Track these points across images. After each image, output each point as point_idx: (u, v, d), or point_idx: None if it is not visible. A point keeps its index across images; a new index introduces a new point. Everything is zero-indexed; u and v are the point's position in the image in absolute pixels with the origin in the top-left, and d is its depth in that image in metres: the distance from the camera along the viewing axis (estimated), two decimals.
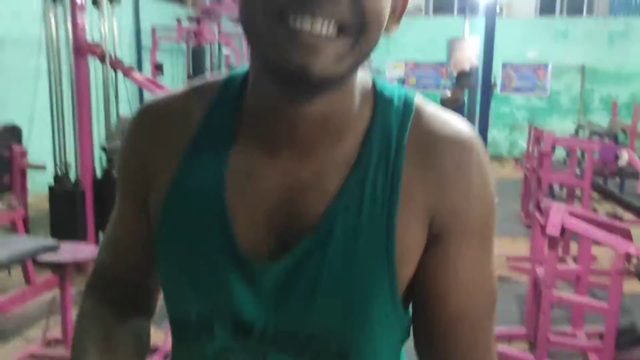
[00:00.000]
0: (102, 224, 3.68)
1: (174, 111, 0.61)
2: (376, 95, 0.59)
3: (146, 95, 6.82)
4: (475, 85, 6.27)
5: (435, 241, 0.56)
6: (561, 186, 5.52)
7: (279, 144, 0.56)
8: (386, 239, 0.54)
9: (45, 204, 4.37)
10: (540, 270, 2.91)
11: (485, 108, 4.29)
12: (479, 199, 0.56)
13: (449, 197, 0.55)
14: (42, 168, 3.91)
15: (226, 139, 0.58)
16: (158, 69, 6.06)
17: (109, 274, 0.70)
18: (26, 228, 3.65)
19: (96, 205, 3.78)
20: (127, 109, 3.82)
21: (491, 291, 0.59)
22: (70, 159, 3.90)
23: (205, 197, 0.57)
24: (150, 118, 0.62)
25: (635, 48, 9.93)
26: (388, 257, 0.54)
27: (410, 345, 0.64)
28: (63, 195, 3.66)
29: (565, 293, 2.95)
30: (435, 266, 0.56)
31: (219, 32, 6.18)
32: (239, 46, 7.02)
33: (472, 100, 6.79)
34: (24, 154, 3.93)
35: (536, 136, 4.65)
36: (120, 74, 3.88)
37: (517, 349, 3.00)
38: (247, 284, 0.56)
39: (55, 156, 3.83)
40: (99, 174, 3.88)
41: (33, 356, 2.76)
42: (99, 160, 4.00)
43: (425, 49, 10.70)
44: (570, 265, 3.86)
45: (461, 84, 7.04)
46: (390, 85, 0.60)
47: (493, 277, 0.60)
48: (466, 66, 10.02)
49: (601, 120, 9.58)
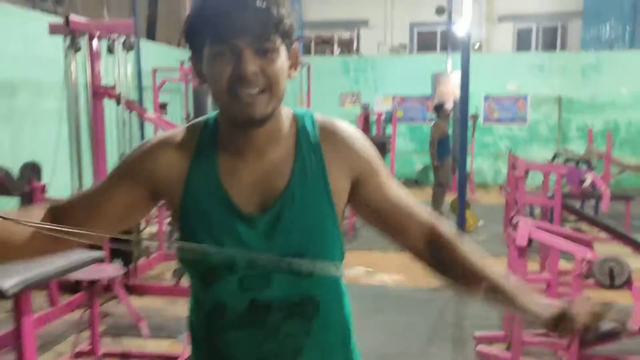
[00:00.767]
0: (116, 250, 4.01)
1: (178, 140, 1.01)
2: (296, 116, 1.02)
3: (147, 131, 7.23)
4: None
5: (362, 180, 1.00)
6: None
7: (244, 150, 0.97)
8: (324, 189, 0.97)
9: None
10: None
11: (464, 138, 4.71)
12: (368, 150, 1.03)
13: (355, 157, 1.00)
14: None
15: (213, 152, 0.99)
16: (162, 107, 6.49)
17: (68, 211, 0.98)
18: None
19: None
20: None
21: (402, 191, 1.06)
22: None
23: (209, 184, 0.97)
24: (159, 143, 1.00)
25: (607, 79, 10.56)
26: (328, 198, 0.97)
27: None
28: None
29: None
30: (376, 189, 1.02)
31: None
32: None
33: (458, 131, 7.21)
34: (43, 189, 4.28)
35: (512, 162, 5.09)
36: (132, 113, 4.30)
37: (497, 350, 3.34)
38: (248, 228, 0.95)
39: (73, 190, 4.19)
40: None
41: None
42: None
43: (411, 84, 11.26)
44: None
45: (441, 115, 7.45)
46: (300, 109, 1.04)
47: (397, 186, 1.06)
48: (450, 99, 10.59)
49: (579, 147, 10.12)
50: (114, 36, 4.12)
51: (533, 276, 3.92)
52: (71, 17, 3.78)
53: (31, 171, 4.22)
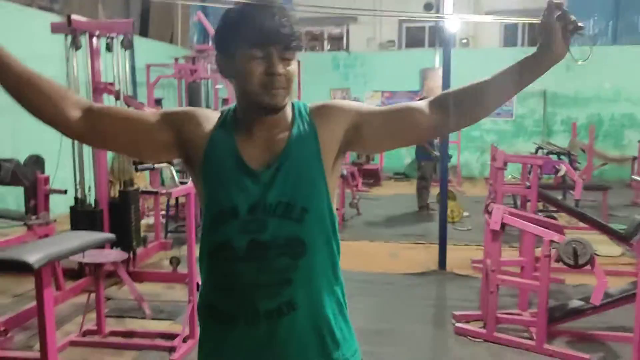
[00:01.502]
0: (118, 238, 4.25)
1: (206, 115, 1.28)
2: (293, 103, 1.28)
3: None
4: None
5: (356, 124, 1.26)
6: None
7: (256, 128, 1.23)
8: (316, 147, 1.23)
9: (63, 225, 4.93)
10: (489, 260, 3.56)
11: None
12: (347, 104, 1.29)
13: (340, 114, 1.28)
14: (64, 192, 4.47)
15: (232, 128, 1.25)
16: (158, 103, 6.70)
17: (104, 109, 1.24)
18: None
19: (111, 222, 4.36)
20: None
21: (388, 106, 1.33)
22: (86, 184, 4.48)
23: (227, 147, 1.23)
24: (192, 111, 1.29)
25: (590, 74, 10.85)
26: (317, 155, 1.23)
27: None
28: (85, 214, 4.23)
29: (508, 277, 3.58)
30: (371, 119, 1.28)
31: (211, 70, 6.91)
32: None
33: None
34: (47, 181, 4.49)
35: (492, 154, 5.36)
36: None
37: (474, 327, 3.61)
38: (254, 182, 1.21)
39: (75, 181, 4.40)
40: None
41: (72, 343, 3.30)
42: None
43: (399, 79, 11.51)
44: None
45: None
46: (295, 100, 1.32)
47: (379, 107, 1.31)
48: (437, 94, 10.79)
49: (564, 140, 10.42)
50: (113, 34, 4.32)
51: (509, 259, 4.19)
52: (73, 17, 3.98)
53: (35, 163, 4.44)
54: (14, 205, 6.02)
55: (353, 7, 11.48)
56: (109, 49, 4.44)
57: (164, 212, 6.02)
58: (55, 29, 4.23)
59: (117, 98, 4.34)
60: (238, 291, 1.21)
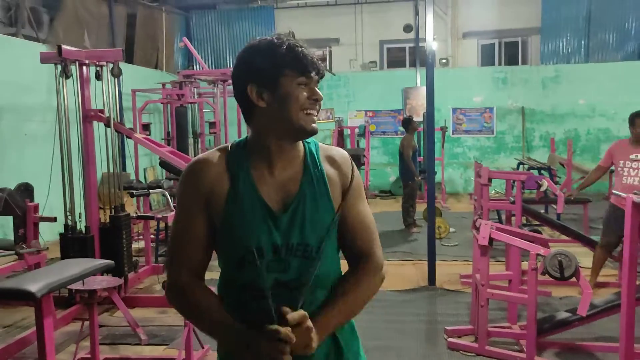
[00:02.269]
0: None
1: (214, 160, 1.32)
2: (304, 142, 1.35)
3: (127, 150, 7.43)
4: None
5: (345, 194, 1.33)
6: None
7: (274, 162, 1.29)
8: (326, 191, 1.30)
9: (51, 253, 4.91)
10: (478, 275, 3.64)
11: (431, 149, 5.08)
12: (355, 174, 1.36)
13: (346, 176, 1.34)
14: (54, 220, 4.47)
15: (247, 164, 1.30)
16: (145, 128, 6.74)
17: (195, 263, 1.33)
18: None
19: (102, 247, 4.36)
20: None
21: (370, 215, 1.39)
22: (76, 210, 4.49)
23: (247, 187, 1.28)
24: (203, 163, 1.32)
25: (565, 91, 11.18)
26: (328, 198, 1.30)
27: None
28: (76, 240, 4.23)
29: (497, 291, 3.66)
30: (352, 203, 1.35)
31: (198, 94, 6.99)
32: (214, 103, 7.82)
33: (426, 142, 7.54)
34: (36, 209, 4.49)
35: (477, 171, 5.49)
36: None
37: (466, 342, 3.68)
38: (274, 226, 1.27)
39: (65, 208, 4.41)
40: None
41: None
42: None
43: (382, 99, 11.71)
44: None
45: (410, 129, 7.68)
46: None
47: (368, 210, 1.39)
48: (420, 112, 11.02)
49: (543, 155, 10.66)
50: (103, 63, 4.38)
51: (497, 274, 4.28)
52: (63, 47, 4.03)
53: (25, 191, 4.44)
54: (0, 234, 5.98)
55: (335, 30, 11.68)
56: (98, 77, 4.49)
57: (153, 236, 6.02)
58: (44, 59, 4.28)
59: (107, 125, 4.38)
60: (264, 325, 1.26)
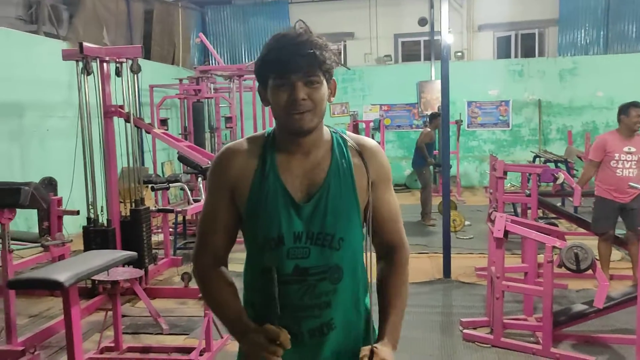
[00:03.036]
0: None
1: (242, 149, 1.37)
2: (331, 132, 1.39)
3: (145, 145, 7.55)
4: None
5: (373, 184, 1.36)
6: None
7: (295, 152, 1.33)
8: (351, 185, 1.33)
9: (73, 245, 5.03)
10: (493, 267, 3.67)
11: (446, 142, 5.10)
12: (385, 164, 1.39)
13: (375, 166, 1.37)
14: (76, 213, 4.58)
15: (273, 155, 1.34)
16: (163, 123, 6.84)
17: (218, 249, 1.41)
18: None
19: (123, 240, 4.47)
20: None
21: (398, 206, 1.43)
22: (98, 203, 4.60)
23: (271, 177, 1.32)
24: (231, 152, 1.38)
25: (583, 83, 11.05)
26: (354, 191, 1.34)
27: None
28: (99, 232, 4.34)
29: (513, 283, 3.69)
30: (383, 194, 1.38)
31: (214, 90, 7.08)
32: (230, 98, 7.90)
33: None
34: (59, 202, 4.61)
35: (492, 164, 5.49)
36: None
37: (481, 333, 3.71)
38: (297, 214, 1.31)
39: (88, 202, 4.52)
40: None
41: None
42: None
43: (397, 93, 11.69)
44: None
45: (432, 124, 7.85)
46: (333, 128, 1.41)
47: (396, 201, 1.43)
48: (434, 106, 10.99)
49: (560, 148, 10.58)
50: (123, 59, 4.47)
51: (513, 266, 4.30)
52: (85, 44, 4.13)
53: (49, 185, 4.55)
54: (17, 227, 6.13)
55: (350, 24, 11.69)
56: (118, 73, 4.58)
57: (171, 229, 6.13)
58: (66, 56, 4.38)
59: (127, 120, 4.48)
60: (285, 311, 1.31)
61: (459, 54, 11.61)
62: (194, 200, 3.51)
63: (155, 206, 5.07)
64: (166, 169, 9.54)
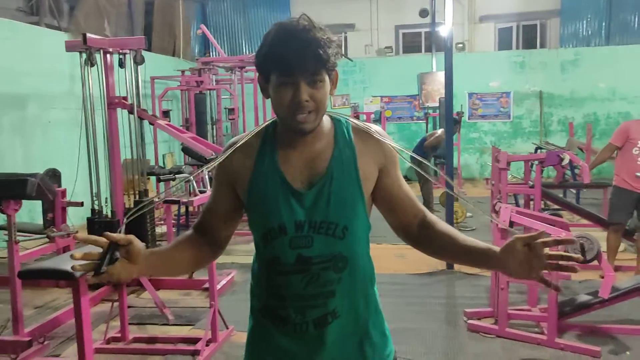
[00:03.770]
0: None
1: (243, 142, 1.37)
2: (334, 119, 1.38)
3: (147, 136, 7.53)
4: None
5: (386, 170, 1.36)
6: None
7: (296, 145, 1.31)
8: (355, 174, 1.32)
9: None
10: None
11: (449, 134, 5.10)
12: (391, 150, 1.37)
13: (382, 150, 1.36)
14: (80, 205, 4.57)
15: (274, 146, 1.34)
16: (166, 114, 6.83)
17: (203, 223, 1.44)
18: None
19: (127, 231, 4.46)
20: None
21: (407, 185, 1.43)
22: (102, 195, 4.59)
23: (270, 168, 1.32)
24: (233, 145, 1.38)
25: (585, 74, 11.03)
26: (357, 181, 1.32)
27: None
28: (103, 224, 4.34)
29: None
30: (395, 180, 1.39)
31: (216, 81, 7.06)
32: (232, 90, 7.89)
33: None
34: (64, 193, 4.60)
35: (494, 155, 5.48)
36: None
37: (485, 324, 3.73)
38: (298, 203, 1.30)
39: (92, 193, 4.51)
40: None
41: (97, 350, 3.40)
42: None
43: (398, 84, 11.67)
44: None
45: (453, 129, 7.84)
46: (335, 114, 1.40)
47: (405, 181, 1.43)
48: (435, 97, 10.98)
49: (561, 140, 10.58)
50: (126, 51, 4.45)
51: None
52: (88, 35, 4.10)
53: (53, 177, 4.55)
54: (20, 219, 6.13)
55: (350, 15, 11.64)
56: (122, 65, 4.56)
57: (174, 221, 6.14)
58: (70, 47, 4.36)
59: (131, 112, 4.46)
60: (289, 301, 1.32)
61: (460, 45, 11.58)
62: (200, 192, 3.51)
63: (158, 198, 5.07)
64: (167, 160, 9.53)
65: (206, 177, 3.71)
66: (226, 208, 1.40)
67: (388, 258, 5.58)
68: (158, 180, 3.77)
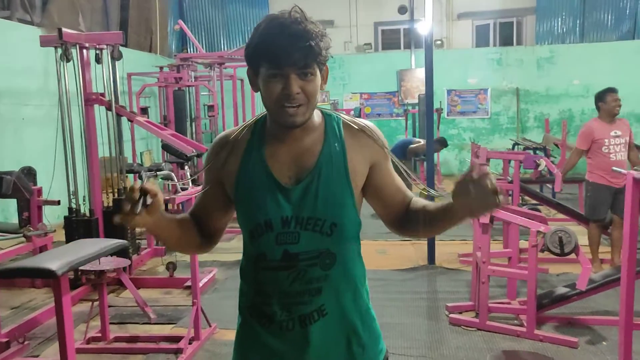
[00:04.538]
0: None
1: (235, 136, 1.36)
2: (325, 114, 1.37)
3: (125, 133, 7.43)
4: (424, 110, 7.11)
5: (377, 165, 1.35)
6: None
7: (285, 139, 1.30)
8: (344, 169, 1.30)
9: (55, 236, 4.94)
10: (479, 253, 3.72)
11: (430, 131, 5.13)
12: (382, 140, 1.36)
13: (372, 145, 1.35)
14: (57, 203, 4.50)
15: (262, 141, 1.33)
16: (144, 112, 6.73)
17: (195, 213, 1.44)
18: None
19: (106, 230, 4.40)
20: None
21: (398, 177, 1.41)
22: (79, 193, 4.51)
23: (257, 164, 1.31)
24: (224, 140, 1.38)
25: (560, 71, 11.22)
26: (346, 176, 1.30)
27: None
28: (81, 222, 4.27)
29: (498, 267, 3.76)
30: (387, 174, 1.38)
31: (194, 78, 6.98)
32: (211, 86, 7.81)
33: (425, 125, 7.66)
34: (40, 192, 4.51)
35: (474, 151, 5.55)
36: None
37: (467, 317, 3.77)
38: (285, 199, 1.29)
39: (69, 191, 4.43)
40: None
41: (78, 350, 3.33)
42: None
43: (377, 81, 11.70)
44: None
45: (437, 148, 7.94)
46: (327, 109, 1.39)
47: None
48: (414, 94, 11.04)
49: (537, 135, 10.75)
50: (103, 46, 4.37)
51: (496, 252, 4.37)
52: (64, 30, 4.02)
53: (28, 175, 4.45)
54: None
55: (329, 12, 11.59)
56: (98, 60, 4.48)
57: None
58: (44, 42, 4.26)
59: (109, 108, 4.39)
60: (275, 298, 1.30)
61: (439, 42, 11.67)
62: (182, 189, 3.47)
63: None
64: (145, 158, 9.41)
65: (187, 175, 3.66)
66: (215, 203, 1.40)
67: (369, 254, 5.54)
68: (140, 177, 3.71)
